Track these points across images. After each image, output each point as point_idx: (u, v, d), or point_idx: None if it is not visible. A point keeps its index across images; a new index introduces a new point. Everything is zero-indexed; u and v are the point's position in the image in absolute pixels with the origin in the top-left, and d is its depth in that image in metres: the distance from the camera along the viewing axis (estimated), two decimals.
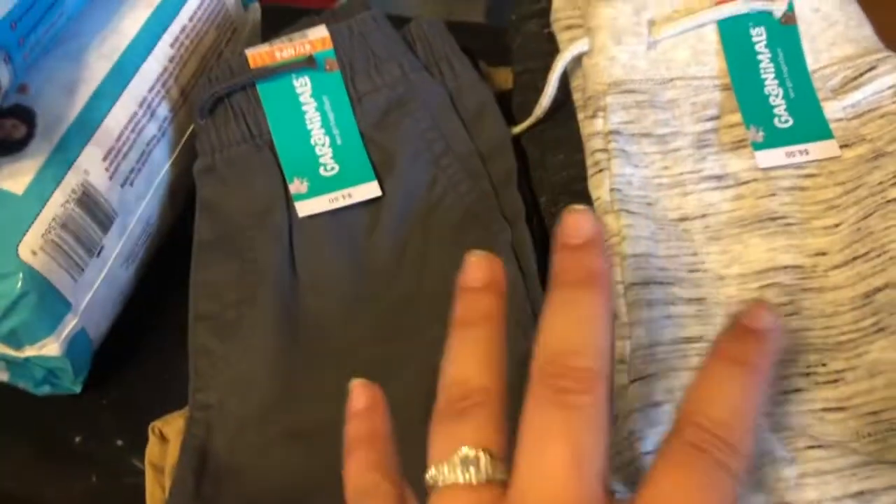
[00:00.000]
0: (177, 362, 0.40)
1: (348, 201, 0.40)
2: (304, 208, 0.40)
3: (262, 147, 0.42)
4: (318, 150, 0.41)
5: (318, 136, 0.42)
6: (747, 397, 0.23)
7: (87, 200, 0.39)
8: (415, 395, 0.34)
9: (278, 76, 0.42)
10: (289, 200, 0.41)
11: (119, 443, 0.42)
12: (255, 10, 0.51)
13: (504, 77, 0.47)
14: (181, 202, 0.45)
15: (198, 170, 0.42)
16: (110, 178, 0.40)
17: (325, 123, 0.42)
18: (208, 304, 0.39)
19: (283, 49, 0.42)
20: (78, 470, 0.41)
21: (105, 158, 0.40)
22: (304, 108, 0.42)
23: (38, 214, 0.37)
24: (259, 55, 0.42)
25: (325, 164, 0.41)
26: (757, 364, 0.23)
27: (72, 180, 0.38)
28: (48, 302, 0.37)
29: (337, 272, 0.40)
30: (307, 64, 0.41)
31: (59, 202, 0.38)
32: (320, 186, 0.41)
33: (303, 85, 0.42)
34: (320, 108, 0.42)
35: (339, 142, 0.42)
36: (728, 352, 0.24)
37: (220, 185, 0.41)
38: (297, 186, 0.41)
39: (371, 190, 0.41)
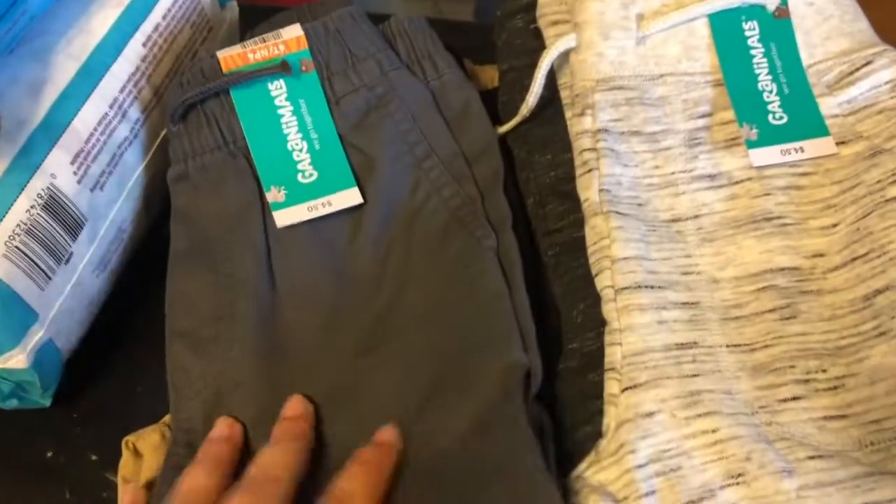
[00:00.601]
0: (150, 373, 0.39)
1: (328, 210, 0.39)
2: (283, 218, 0.39)
3: (236, 154, 0.40)
4: (295, 156, 0.40)
5: (296, 142, 0.40)
6: (369, 483, 0.32)
7: (54, 205, 0.37)
8: (398, 401, 0.34)
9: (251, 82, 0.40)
10: (266, 210, 0.39)
11: (93, 457, 0.40)
12: (233, 8, 0.49)
13: (491, 75, 0.46)
14: (156, 206, 0.44)
15: (171, 178, 0.40)
16: (79, 181, 0.38)
17: (302, 128, 0.40)
18: (185, 319, 0.38)
19: (257, 50, 0.40)
20: (51, 485, 0.40)
21: (73, 161, 0.38)
22: (280, 112, 0.40)
23: (0, 220, 0.36)
24: (231, 58, 0.40)
25: (303, 171, 0.40)
26: (376, 464, 0.33)
27: (37, 184, 0.37)
28: (13, 312, 0.36)
29: (317, 283, 0.38)
30: (281, 70, 0.40)
31: (23, 207, 0.36)
32: (299, 194, 0.39)
33: (278, 88, 0.40)
34: (297, 112, 0.40)
35: (317, 147, 0.40)
36: (359, 456, 0.33)
37: (194, 194, 0.40)
38: (274, 195, 0.39)
39: (352, 197, 0.39)
